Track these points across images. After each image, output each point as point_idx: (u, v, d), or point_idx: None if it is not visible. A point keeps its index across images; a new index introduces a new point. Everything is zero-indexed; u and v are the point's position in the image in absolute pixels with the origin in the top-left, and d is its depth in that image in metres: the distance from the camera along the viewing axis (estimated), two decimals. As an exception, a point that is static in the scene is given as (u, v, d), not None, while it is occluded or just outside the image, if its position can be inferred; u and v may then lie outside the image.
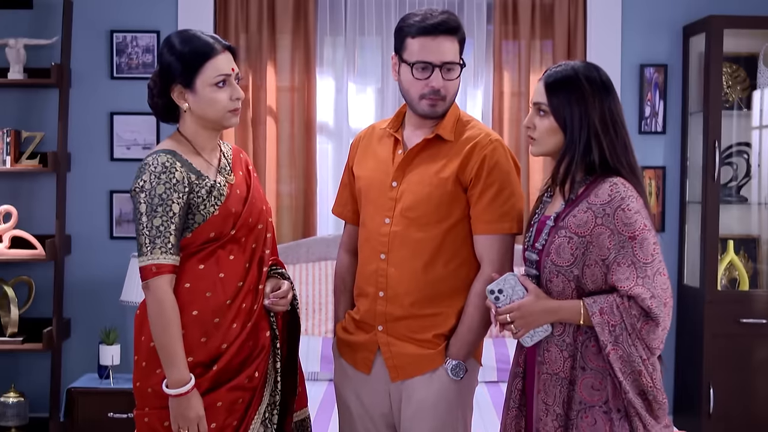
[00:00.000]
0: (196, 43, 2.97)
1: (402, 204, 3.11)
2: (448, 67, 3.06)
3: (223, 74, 2.96)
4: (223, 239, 2.98)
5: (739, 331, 5.35)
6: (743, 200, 5.63)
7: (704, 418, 5.34)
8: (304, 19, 5.70)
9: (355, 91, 5.82)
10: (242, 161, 3.17)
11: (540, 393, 2.83)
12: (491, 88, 5.75)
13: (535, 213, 3.00)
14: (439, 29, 3.04)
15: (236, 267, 3.00)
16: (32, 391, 5.53)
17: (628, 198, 2.74)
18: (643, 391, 2.73)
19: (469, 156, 3.07)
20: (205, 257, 2.97)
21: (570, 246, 2.77)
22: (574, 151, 2.81)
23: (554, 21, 5.71)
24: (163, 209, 2.87)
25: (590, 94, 2.80)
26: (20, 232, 5.40)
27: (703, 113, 5.42)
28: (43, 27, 5.58)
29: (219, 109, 2.98)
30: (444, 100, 3.09)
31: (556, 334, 2.81)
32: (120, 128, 5.65)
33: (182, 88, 2.98)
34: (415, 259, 3.08)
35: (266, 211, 3.15)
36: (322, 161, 5.84)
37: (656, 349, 2.74)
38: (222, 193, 2.99)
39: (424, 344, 3.09)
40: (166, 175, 2.89)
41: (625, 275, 2.70)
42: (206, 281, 2.95)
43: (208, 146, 3.05)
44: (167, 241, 2.87)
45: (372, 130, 3.34)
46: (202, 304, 2.94)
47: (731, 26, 5.40)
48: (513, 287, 2.83)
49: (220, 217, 2.97)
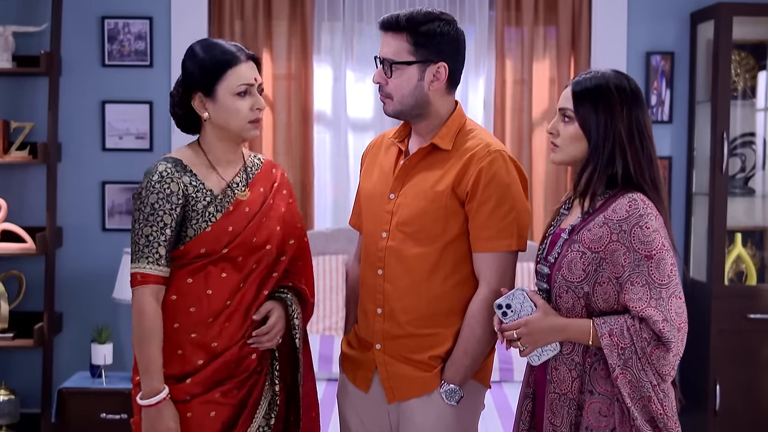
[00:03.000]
0: (219, 51, 2.91)
1: (397, 218, 2.95)
2: (387, 63, 2.90)
3: (245, 83, 2.89)
4: (214, 256, 2.91)
5: (746, 326, 5.25)
6: (750, 192, 5.51)
7: (710, 414, 5.26)
8: (300, 5, 5.56)
9: (353, 79, 5.67)
10: (271, 177, 3.07)
11: (548, 413, 2.72)
12: (493, 76, 5.61)
13: (551, 225, 2.88)
14: (381, 25, 2.93)
15: (227, 285, 2.93)
16: (23, 388, 5.42)
17: (647, 216, 2.61)
18: (653, 418, 2.60)
19: (466, 168, 2.89)
20: (194, 271, 2.91)
21: (582, 261, 2.64)
22: (597, 161, 2.68)
23: (558, 7, 5.56)
24: (154, 219, 2.85)
25: (618, 103, 2.68)
26: (10, 225, 5.28)
27: (711, 103, 5.29)
28: (32, 13, 5.43)
29: (240, 118, 2.90)
30: (391, 99, 2.92)
31: (565, 353, 2.69)
32: (112, 117, 5.51)
33: (203, 96, 2.92)
34: (411, 275, 2.93)
35: (288, 232, 3.06)
36: (320, 151, 5.70)
37: (667, 375, 2.61)
38: (220, 209, 2.93)
39: (420, 366, 2.94)
40: (160, 184, 2.86)
41: (638, 295, 2.58)
42: (192, 296, 2.90)
43: (225, 159, 2.99)
44: (154, 251, 2.85)
45: (382, 139, 3.19)
46: (183, 318, 2.89)
47: (740, 13, 5.27)
48: (521, 303, 2.70)
49: (211, 235, 2.90)
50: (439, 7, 5.31)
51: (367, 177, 3.13)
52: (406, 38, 2.88)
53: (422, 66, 2.89)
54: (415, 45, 2.88)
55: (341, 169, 5.63)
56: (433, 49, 2.89)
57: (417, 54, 2.88)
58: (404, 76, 2.90)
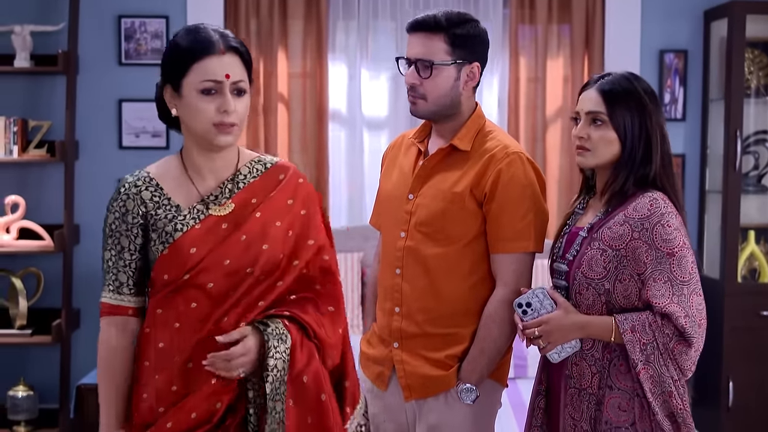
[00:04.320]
0: (193, 38, 2.47)
1: (416, 218, 2.99)
2: (423, 64, 2.93)
3: (210, 79, 2.44)
4: (176, 283, 2.47)
5: (759, 324, 5.26)
6: (764, 190, 5.53)
7: (723, 411, 5.27)
8: (316, 4, 5.59)
9: (368, 77, 5.71)
10: (272, 185, 2.60)
11: (567, 407, 2.77)
12: (507, 74, 5.63)
13: (565, 224, 2.91)
14: (415, 26, 2.96)
15: (198, 318, 2.47)
16: (41, 384, 5.47)
17: (668, 214, 2.67)
18: (672, 413, 2.66)
19: (484, 170, 2.93)
20: (162, 301, 2.50)
21: (603, 259, 2.69)
22: (632, 163, 2.73)
23: (572, 5, 5.59)
24: (112, 242, 2.52)
25: (648, 105, 2.74)
26: (28, 223, 5.32)
27: (725, 101, 5.31)
28: (50, 13, 5.47)
29: (202, 121, 2.46)
30: (425, 100, 2.95)
31: (585, 349, 2.74)
32: (129, 115, 5.55)
33: (172, 90, 2.52)
34: (429, 275, 2.96)
35: (292, 251, 2.56)
36: (335, 149, 5.73)
37: (688, 370, 2.66)
38: (179, 228, 2.49)
39: (438, 365, 2.97)
40: (118, 203, 2.51)
41: (661, 292, 2.63)
42: (161, 329, 2.49)
43: (206, 166, 2.56)
44: (114, 278, 2.52)
45: (402, 140, 3.23)
46: (152, 355, 2.49)
47: (754, 12, 5.28)
48: (541, 301, 2.74)
49: (167, 258, 2.48)
50: (454, 6, 5.38)
51: (387, 177, 3.17)
52: (443, 39, 2.92)
53: (459, 66, 2.94)
54: (453, 45, 2.93)
55: (356, 167, 5.67)
56: (469, 49, 2.95)
57: (454, 54, 2.93)
58: (441, 77, 2.94)
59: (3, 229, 5.26)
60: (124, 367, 2.52)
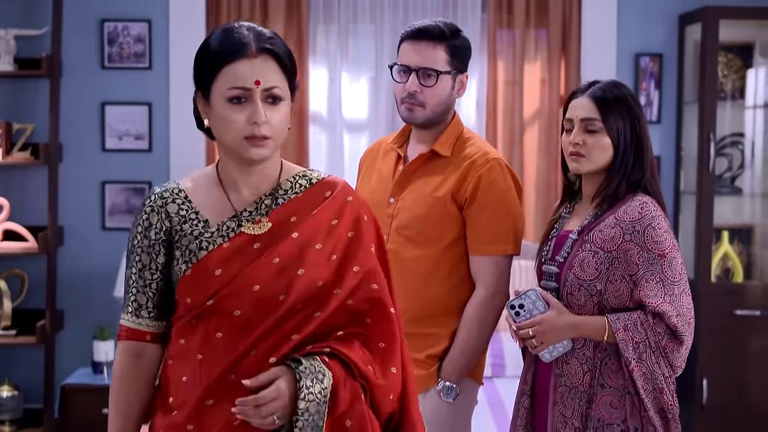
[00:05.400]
0: (225, 39, 2.20)
1: (397, 221, 3.08)
2: (427, 73, 3.02)
3: (238, 86, 2.15)
4: (198, 309, 2.19)
5: (733, 323, 5.35)
6: (737, 191, 5.62)
7: (697, 408, 5.36)
8: (296, 7, 5.65)
9: (348, 80, 5.78)
10: (316, 202, 2.27)
11: (557, 405, 2.85)
12: (486, 77, 5.71)
13: (552, 227, 2.99)
14: (419, 34, 3.04)
15: (223, 351, 2.17)
16: (26, 384, 5.51)
17: (658, 217, 2.78)
18: (662, 409, 2.76)
19: (465, 175, 3.03)
20: (185, 329, 2.23)
21: (595, 260, 2.79)
22: (625, 168, 2.83)
23: (549, 10, 5.67)
24: (133, 259, 2.28)
25: (637, 112, 2.85)
26: (12, 225, 5.37)
27: (699, 104, 5.40)
28: (33, 17, 5.52)
29: (231, 133, 2.18)
30: (423, 107, 3.05)
31: (576, 348, 2.82)
32: (112, 118, 5.61)
33: (202, 98, 2.26)
34: (411, 277, 3.05)
35: (331, 278, 2.22)
36: (315, 151, 5.80)
37: (678, 367, 2.78)
38: (204, 246, 2.21)
39: (418, 364, 3.04)
40: (141, 217, 2.28)
41: (653, 292, 2.73)
42: (185, 362, 2.22)
43: (242, 180, 2.27)
44: (132, 299, 2.28)
45: (379, 146, 3.32)
46: (176, 390, 2.22)
47: (727, 17, 5.36)
48: (534, 302, 2.83)
49: (191, 279, 2.20)
50: (433, 10, 5.48)
51: (366, 182, 3.25)
52: (444, 49, 3.03)
53: (454, 76, 3.06)
54: (452, 56, 3.04)
55: (336, 168, 5.73)
56: (462, 60, 3.09)
57: (452, 64, 3.05)
58: (441, 85, 3.04)
59: (-13, 231, 5.32)
60: (135, 398, 2.27)
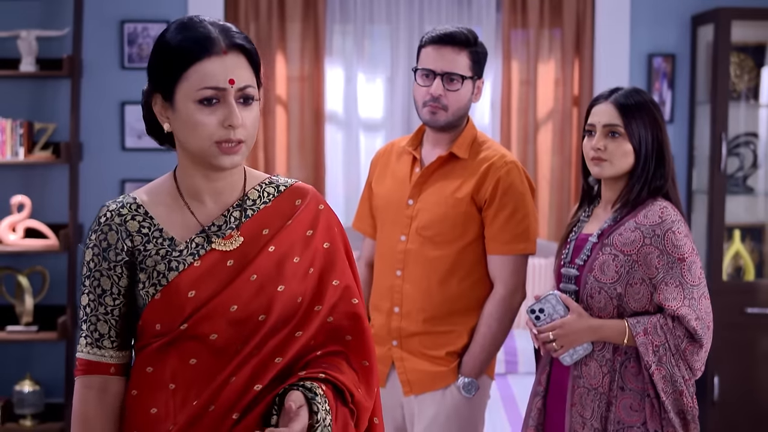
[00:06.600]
0: (187, 35, 1.97)
1: (417, 222, 3.18)
2: (451, 77, 3.10)
3: (209, 87, 1.95)
4: (170, 334, 1.99)
5: (744, 321, 5.40)
6: (749, 191, 5.67)
7: (708, 406, 5.41)
8: (313, 7, 5.72)
9: (364, 80, 5.84)
10: (289, 211, 2.11)
11: (576, 406, 2.89)
12: (500, 77, 5.77)
13: (571, 231, 3.05)
14: (444, 39, 3.12)
15: (200, 379, 1.98)
16: (47, 379, 5.61)
17: (678, 222, 2.83)
18: (682, 410, 2.81)
19: (484, 177, 3.14)
20: (153, 356, 2.01)
21: (615, 264, 2.84)
22: (647, 174, 2.88)
23: (563, 10, 5.72)
24: (90, 284, 2.05)
25: (659, 118, 2.91)
26: (34, 223, 5.46)
27: (711, 104, 5.44)
28: (55, 18, 5.60)
29: (200, 137, 1.97)
30: (446, 110, 3.14)
31: (596, 350, 2.88)
32: (131, 118, 5.68)
33: (162, 100, 2.02)
34: (430, 276, 3.15)
35: (312, 294, 2.06)
36: (332, 151, 5.87)
37: (698, 370, 2.84)
38: (173, 266, 2.01)
39: (437, 361, 3.17)
40: (97, 235, 2.06)
41: (673, 295, 2.78)
42: (153, 392, 2.01)
43: (206, 190, 2.07)
44: (93, 328, 2.05)
45: (391, 147, 3.40)
46: (143, 424, 2.00)
47: (739, 18, 5.41)
48: (554, 306, 2.89)
49: (161, 303, 2.00)
50: (448, 10, 5.53)
51: (380, 183, 3.34)
52: (468, 54, 3.13)
53: (474, 81, 3.17)
54: (473, 61, 3.15)
55: (352, 168, 5.81)
56: (480, 66, 3.20)
57: (473, 69, 3.15)
58: (464, 90, 3.15)
59: (9, 229, 5.40)
60: None
